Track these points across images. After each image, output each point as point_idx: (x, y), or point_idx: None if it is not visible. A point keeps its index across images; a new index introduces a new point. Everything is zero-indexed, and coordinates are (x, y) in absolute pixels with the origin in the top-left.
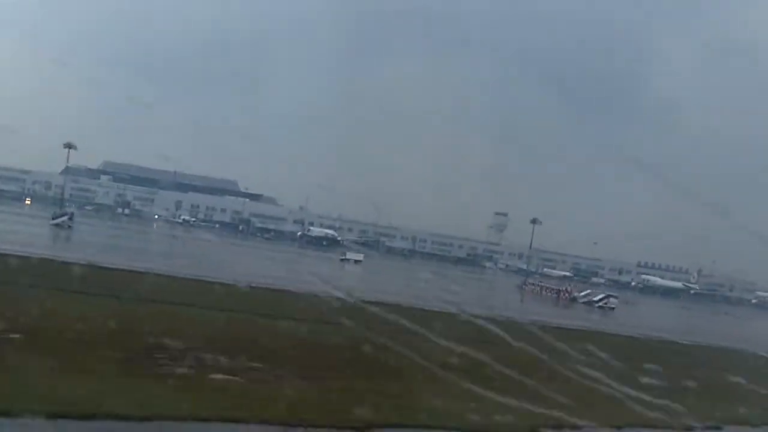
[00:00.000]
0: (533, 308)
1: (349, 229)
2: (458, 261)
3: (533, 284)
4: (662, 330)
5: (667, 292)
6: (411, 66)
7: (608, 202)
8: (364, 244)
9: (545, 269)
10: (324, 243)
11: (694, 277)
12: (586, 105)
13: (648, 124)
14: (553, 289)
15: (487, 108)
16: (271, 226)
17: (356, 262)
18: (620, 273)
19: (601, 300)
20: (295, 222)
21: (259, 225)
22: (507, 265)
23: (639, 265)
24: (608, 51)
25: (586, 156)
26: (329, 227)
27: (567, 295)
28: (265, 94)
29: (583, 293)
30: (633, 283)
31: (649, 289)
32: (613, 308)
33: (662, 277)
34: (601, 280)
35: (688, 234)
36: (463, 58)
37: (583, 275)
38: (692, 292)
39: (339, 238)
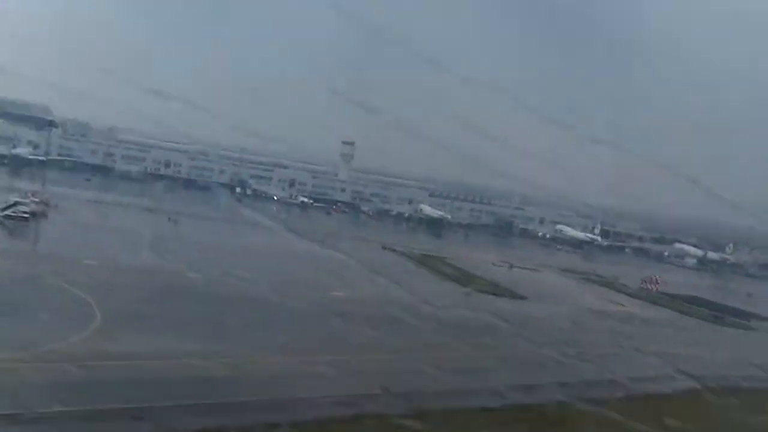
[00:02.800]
0: None
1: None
2: (226, 187)
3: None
4: None
5: (433, 223)
6: None
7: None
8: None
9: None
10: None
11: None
12: None
13: None
14: None
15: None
16: None
17: None
18: (409, 202)
19: (8, 208)
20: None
21: None
22: (254, 190)
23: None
24: None
25: None
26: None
27: None
28: None
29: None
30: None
31: (419, 220)
32: (26, 218)
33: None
34: (364, 208)
35: None
36: None
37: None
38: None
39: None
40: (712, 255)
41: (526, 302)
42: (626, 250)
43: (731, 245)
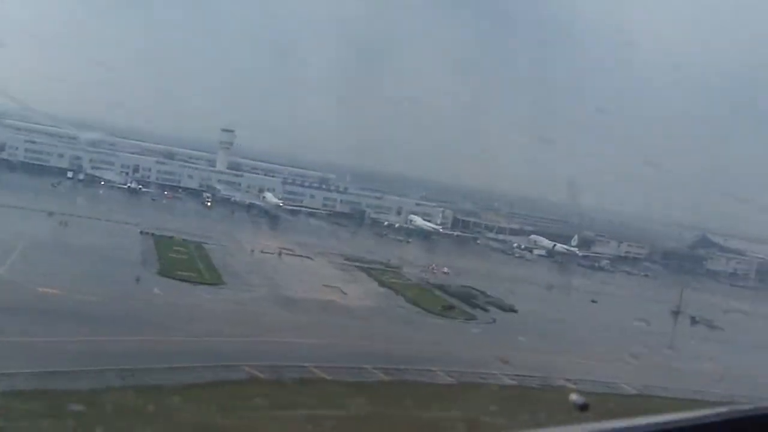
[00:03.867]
0: None
1: None
2: (60, 171)
3: None
4: None
5: (266, 211)
6: None
7: None
8: None
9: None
10: None
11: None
12: None
13: None
14: None
15: None
16: None
17: None
18: (259, 190)
19: None
20: None
21: None
22: (89, 175)
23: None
24: None
25: None
26: None
27: None
28: None
29: None
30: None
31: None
32: None
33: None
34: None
35: None
36: None
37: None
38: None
39: None
40: (560, 247)
41: (213, 288)
42: (478, 240)
43: (576, 237)
